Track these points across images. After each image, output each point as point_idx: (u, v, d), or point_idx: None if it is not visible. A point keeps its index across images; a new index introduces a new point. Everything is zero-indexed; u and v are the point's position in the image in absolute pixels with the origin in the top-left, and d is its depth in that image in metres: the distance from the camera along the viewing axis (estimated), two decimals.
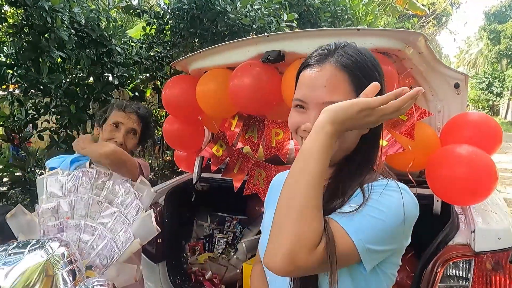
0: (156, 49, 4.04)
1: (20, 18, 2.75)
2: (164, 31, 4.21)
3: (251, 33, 3.51)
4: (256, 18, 3.97)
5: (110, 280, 1.04)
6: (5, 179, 3.30)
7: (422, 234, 1.41)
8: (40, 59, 2.79)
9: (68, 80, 3.12)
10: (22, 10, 2.72)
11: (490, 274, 1.26)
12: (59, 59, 3.00)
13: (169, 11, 3.81)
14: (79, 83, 3.20)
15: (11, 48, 2.84)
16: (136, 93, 4.02)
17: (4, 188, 3.34)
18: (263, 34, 1.66)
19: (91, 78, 3.36)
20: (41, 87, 2.86)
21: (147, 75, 4.06)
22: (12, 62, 2.85)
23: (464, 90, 1.64)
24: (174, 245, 2.03)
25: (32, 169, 4.09)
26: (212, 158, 2.11)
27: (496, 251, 1.28)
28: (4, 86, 2.90)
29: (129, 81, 3.74)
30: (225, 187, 2.10)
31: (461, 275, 1.29)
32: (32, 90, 2.98)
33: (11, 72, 2.81)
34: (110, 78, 3.49)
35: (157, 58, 4.00)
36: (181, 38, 4.14)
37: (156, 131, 5.34)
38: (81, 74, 3.27)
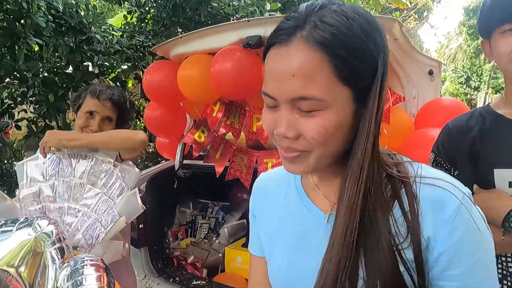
0: (137, 38, 3.98)
1: None
2: (146, 20, 4.15)
3: (231, 18, 3.50)
4: (239, 8, 3.97)
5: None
6: None
7: None
8: (16, 46, 2.72)
9: (46, 68, 3.05)
10: None
11: None
12: (36, 47, 2.92)
13: None
14: (57, 71, 3.13)
15: None
16: (118, 83, 3.96)
17: None
18: (243, 19, 1.67)
19: (70, 67, 3.29)
20: (18, 75, 2.79)
21: (129, 64, 4.01)
22: None
23: (437, 77, 1.70)
24: (156, 231, 2.04)
25: (10, 160, 3.98)
26: (194, 145, 2.12)
27: None
28: None
29: (110, 71, 3.68)
30: (207, 173, 2.12)
31: None
32: (8, 79, 2.90)
33: None
34: (90, 67, 3.43)
35: (138, 47, 3.94)
36: (164, 27, 4.10)
37: (138, 122, 5.28)
38: (60, 62, 3.20)
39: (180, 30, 4.03)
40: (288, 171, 0.57)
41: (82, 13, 3.20)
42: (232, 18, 3.90)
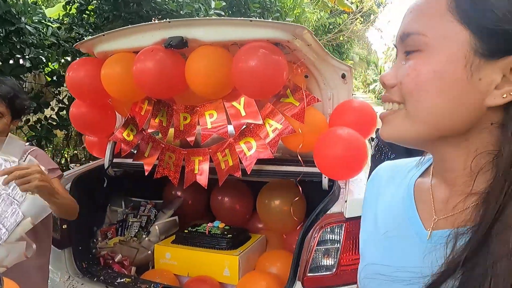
0: (76, 31, 3.82)
1: None
2: (87, 12, 3.99)
3: (153, 18, 3.48)
4: (183, 4, 3.95)
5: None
6: None
7: (315, 207, 1.60)
8: None
9: None
10: None
11: (357, 234, 1.47)
12: None
13: None
14: None
15: None
16: (55, 78, 3.78)
17: None
18: (164, 20, 1.70)
19: None
20: None
21: (68, 58, 3.83)
22: None
23: (349, 80, 1.84)
24: (83, 231, 2.01)
25: None
26: (123, 143, 2.11)
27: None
28: None
29: (44, 65, 3.50)
30: (139, 171, 2.12)
31: (334, 239, 1.49)
32: None
33: None
34: (21, 61, 3.24)
35: (78, 40, 3.78)
36: (106, 20, 3.97)
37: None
38: None
39: (123, 23, 3.93)
40: (381, 136, 0.45)
41: (10, 1, 3.01)
42: (176, 14, 3.88)
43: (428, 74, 0.38)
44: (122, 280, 1.78)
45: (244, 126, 1.84)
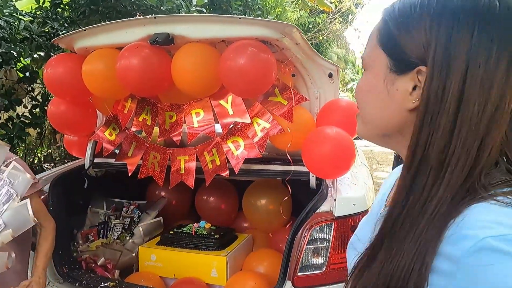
0: (51, 25, 3.65)
1: None
2: (62, 5, 3.83)
3: (137, 14, 3.41)
4: (164, 0, 3.86)
5: None
6: None
7: (304, 206, 1.60)
8: None
9: None
10: None
11: (346, 233, 1.49)
12: None
13: None
14: None
15: None
16: (27, 74, 3.60)
17: None
18: (150, 16, 1.65)
19: None
20: None
21: (41, 53, 3.66)
22: None
23: (336, 79, 1.86)
24: (62, 234, 1.92)
25: None
26: (104, 143, 2.04)
27: (351, 215, 1.52)
28: None
29: (16, 60, 3.33)
30: (122, 172, 2.06)
31: (324, 237, 1.50)
32: None
33: None
34: None
35: (52, 35, 3.62)
36: (82, 15, 3.82)
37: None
38: None
39: (101, 18, 3.80)
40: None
41: None
42: (156, 10, 3.79)
43: (364, 88, 0.51)
44: (106, 284, 1.72)
45: (231, 125, 1.82)
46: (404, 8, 0.46)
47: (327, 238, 1.50)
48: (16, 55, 3.24)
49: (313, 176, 1.79)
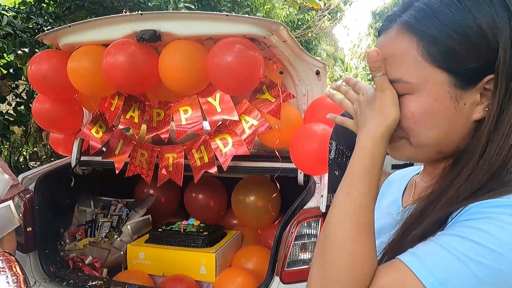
0: (35, 21, 3.57)
1: None
2: (46, 1, 3.75)
3: (123, 10, 3.36)
4: None
5: None
6: None
7: (292, 203, 1.62)
8: None
9: None
10: None
11: None
12: None
13: None
14: None
15: None
16: (11, 70, 3.52)
17: None
18: (136, 12, 1.63)
19: None
20: None
21: (26, 50, 3.58)
22: None
23: (323, 77, 1.87)
24: (49, 233, 1.90)
25: None
26: (91, 140, 2.01)
27: None
28: None
29: None
30: (109, 170, 2.04)
31: (311, 233, 1.52)
32: None
33: None
34: None
35: (37, 31, 3.54)
36: (67, 10, 3.75)
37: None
38: None
39: (87, 14, 3.74)
40: (392, 156, 0.54)
41: None
42: (143, 6, 3.74)
43: (422, 113, 0.47)
44: (93, 283, 1.71)
45: (219, 123, 1.82)
46: (457, 22, 0.44)
47: (315, 233, 1.52)
48: None
49: (301, 172, 1.81)
